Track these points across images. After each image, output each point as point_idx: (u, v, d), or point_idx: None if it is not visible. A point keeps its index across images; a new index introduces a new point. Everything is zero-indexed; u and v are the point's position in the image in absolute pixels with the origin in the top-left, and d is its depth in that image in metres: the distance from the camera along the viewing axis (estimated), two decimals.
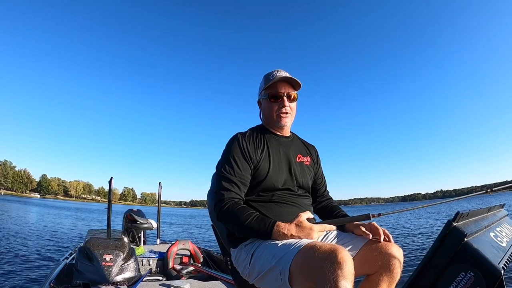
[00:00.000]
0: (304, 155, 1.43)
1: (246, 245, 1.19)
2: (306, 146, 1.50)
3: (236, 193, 1.20)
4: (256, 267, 1.09)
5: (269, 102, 1.35)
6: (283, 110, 1.33)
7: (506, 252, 0.75)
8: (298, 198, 1.31)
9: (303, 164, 1.40)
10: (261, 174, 1.26)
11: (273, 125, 1.39)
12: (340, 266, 0.81)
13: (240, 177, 1.22)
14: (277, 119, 1.35)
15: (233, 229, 1.21)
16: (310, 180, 1.41)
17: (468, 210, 0.80)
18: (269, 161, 1.29)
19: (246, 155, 1.26)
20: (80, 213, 28.82)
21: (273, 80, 1.32)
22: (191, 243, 3.86)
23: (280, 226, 1.08)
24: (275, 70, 1.39)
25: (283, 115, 1.34)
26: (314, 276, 0.85)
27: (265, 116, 1.42)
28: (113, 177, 4.22)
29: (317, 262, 0.86)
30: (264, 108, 1.41)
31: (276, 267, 0.99)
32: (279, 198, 1.26)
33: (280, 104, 1.33)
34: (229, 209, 1.14)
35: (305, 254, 0.92)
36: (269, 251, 1.06)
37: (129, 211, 4.82)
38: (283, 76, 1.33)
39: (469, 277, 0.63)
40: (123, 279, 2.66)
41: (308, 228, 1.08)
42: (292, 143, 1.42)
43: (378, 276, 1.07)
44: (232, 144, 1.28)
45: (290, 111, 1.36)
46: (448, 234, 0.67)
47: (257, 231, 1.10)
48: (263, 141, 1.34)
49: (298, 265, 0.91)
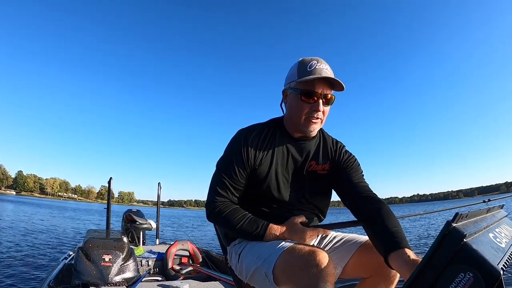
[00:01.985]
0: (320, 162, 1.20)
1: (235, 245, 1.19)
2: (329, 148, 1.24)
3: (229, 197, 1.15)
4: (243, 267, 1.09)
5: (300, 100, 1.10)
6: (314, 115, 1.10)
7: (505, 253, 0.75)
8: (291, 212, 1.16)
9: (317, 173, 1.20)
10: (257, 180, 1.15)
11: (297, 128, 1.16)
12: (318, 268, 0.82)
13: (234, 182, 1.14)
14: (305, 123, 1.12)
15: (225, 230, 1.21)
16: (321, 190, 1.22)
17: (468, 211, 0.80)
18: (269, 168, 1.15)
19: (244, 158, 1.13)
20: (60, 212, 28.59)
21: (311, 76, 1.06)
22: (191, 243, 3.86)
23: (273, 229, 1.07)
24: (314, 59, 1.11)
25: (313, 120, 1.11)
26: (295, 278, 0.87)
27: (290, 113, 1.17)
28: (112, 177, 4.21)
29: (297, 263, 0.87)
30: (291, 104, 1.15)
31: (261, 268, 0.99)
32: (270, 210, 1.17)
33: (313, 107, 1.09)
34: (220, 211, 1.12)
35: (286, 256, 0.92)
36: (254, 251, 1.06)
37: (128, 211, 4.82)
38: (324, 76, 1.07)
39: (468, 277, 0.63)
40: (122, 280, 2.65)
41: (300, 231, 1.07)
42: (310, 148, 1.20)
43: (375, 279, 1.06)
44: (234, 145, 1.16)
45: (322, 116, 1.13)
46: (448, 235, 0.67)
47: (250, 233, 1.09)
48: (271, 143, 1.16)
49: (281, 267, 0.92)
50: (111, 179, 4.33)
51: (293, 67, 1.16)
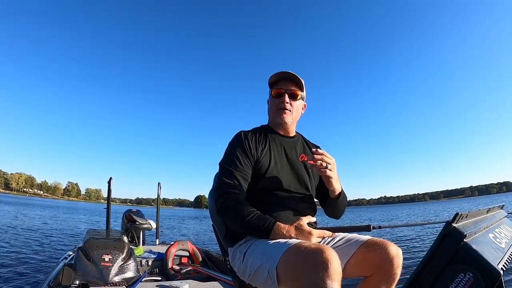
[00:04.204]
0: (308, 154, 1.42)
1: (241, 245, 1.19)
2: (310, 146, 1.49)
3: (238, 189, 1.20)
4: (248, 266, 1.09)
5: (272, 99, 1.39)
6: (282, 106, 1.35)
7: (505, 253, 0.75)
8: (296, 201, 1.28)
9: (307, 163, 1.38)
10: (261, 171, 1.26)
11: (275, 122, 1.40)
12: (325, 266, 0.80)
13: (242, 172, 1.23)
14: (277, 113, 1.36)
15: (232, 224, 1.20)
16: (314, 179, 1.40)
17: (468, 211, 0.80)
18: (270, 158, 1.29)
19: (247, 150, 1.27)
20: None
21: (274, 77, 1.37)
22: (190, 243, 3.86)
23: (280, 227, 1.08)
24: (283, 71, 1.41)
25: (282, 110, 1.35)
26: (301, 276, 0.85)
27: (269, 112, 1.45)
28: (112, 177, 4.21)
29: (303, 261, 0.85)
30: (268, 104, 1.44)
31: (264, 265, 0.99)
32: (276, 199, 1.25)
33: (281, 100, 1.35)
34: (231, 204, 1.14)
35: (291, 253, 0.91)
36: (259, 249, 1.07)
37: (128, 211, 4.82)
38: (285, 72, 1.35)
39: (468, 277, 0.63)
40: (122, 280, 2.66)
41: (307, 232, 1.08)
42: (296, 143, 1.42)
43: (376, 277, 1.06)
44: (235, 141, 1.30)
45: (291, 108, 1.37)
46: (447, 235, 0.67)
47: (257, 229, 1.10)
48: (266, 139, 1.35)
49: (285, 265, 0.91)
50: (111, 179, 4.33)
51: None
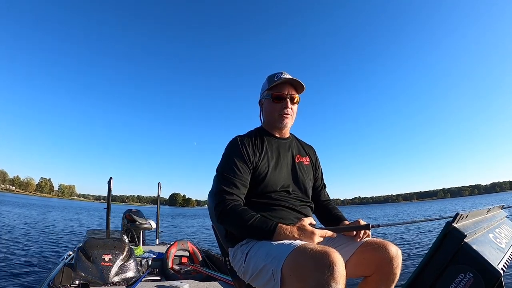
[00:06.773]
0: (303, 155, 1.44)
1: (242, 245, 1.19)
2: (304, 147, 1.51)
3: (237, 195, 1.20)
4: (250, 266, 1.09)
5: (272, 103, 1.36)
6: (285, 112, 1.34)
7: (505, 253, 0.75)
8: (295, 201, 1.30)
9: (303, 164, 1.41)
10: (260, 176, 1.26)
11: (274, 126, 1.40)
12: (330, 269, 0.81)
13: (240, 178, 1.23)
14: (279, 119, 1.36)
15: (234, 230, 1.20)
16: (311, 180, 1.42)
17: (468, 211, 0.80)
18: (268, 163, 1.30)
19: (245, 157, 1.26)
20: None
21: (278, 81, 1.34)
22: (190, 243, 3.86)
23: (282, 228, 1.08)
24: (280, 72, 1.39)
25: (285, 116, 1.35)
26: (306, 278, 0.85)
27: (266, 116, 1.43)
28: (112, 177, 4.21)
29: (309, 263, 0.86)
30: (265, 108, 1.42)
31: (269, 266, 0.99)
32: (276, 201, 1.25)
33: (283, 105, 1.34)
34: (231, 210, 1.14)
35: (297, 255, 0.92)
36: (263, 250, 1.07)
37: (128, 211, 4.81)
38: (288, 78, 1.34)
39: (468, 278, 0.63)
40: (122, 280, 2.66)
41: (310, 232, 1.08)
42: (291, 144, 1.44)
43: (376, 277, 1.07)
44: (232, 147, 1.30)
45: (292, 113, 1.38)
46: (448, 235, 0.67)
47: (259, 233, 1.10)
48: (262, 143, 1.35)
49: (290, 266, 0.91)
50: (111, 179, 4.33)
51: (264, 81, 1.45)
